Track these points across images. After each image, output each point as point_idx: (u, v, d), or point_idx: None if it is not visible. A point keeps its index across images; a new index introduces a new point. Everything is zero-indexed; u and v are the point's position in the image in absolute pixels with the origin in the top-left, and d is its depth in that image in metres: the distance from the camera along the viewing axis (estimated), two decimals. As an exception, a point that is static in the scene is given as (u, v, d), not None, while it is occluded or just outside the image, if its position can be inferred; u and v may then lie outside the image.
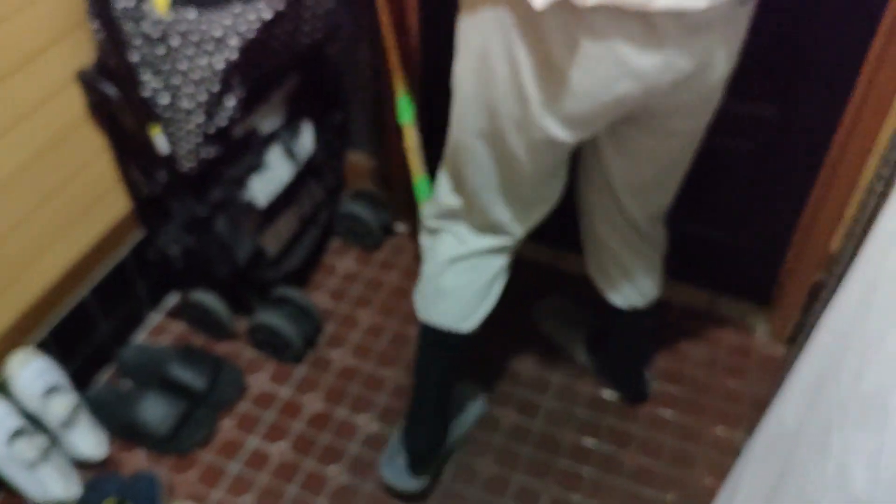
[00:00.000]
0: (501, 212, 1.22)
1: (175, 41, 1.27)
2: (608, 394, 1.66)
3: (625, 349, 1.62)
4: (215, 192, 1.49)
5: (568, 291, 1.84)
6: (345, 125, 1.87)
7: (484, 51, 1.01)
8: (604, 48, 0.92)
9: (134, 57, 1.31)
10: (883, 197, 1.04)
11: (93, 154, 1.51)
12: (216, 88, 1.30)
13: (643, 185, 1.25)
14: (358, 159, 2.00)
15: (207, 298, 1.67)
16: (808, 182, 1.58)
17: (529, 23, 0.93)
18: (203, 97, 1.30)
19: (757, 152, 1.57)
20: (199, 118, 1.32)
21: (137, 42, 1.30)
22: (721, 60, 1.00)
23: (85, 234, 1.56)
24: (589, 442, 1.58)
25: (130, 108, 1.36)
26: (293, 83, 1.59)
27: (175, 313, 1.80)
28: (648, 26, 0.90)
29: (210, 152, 1.39)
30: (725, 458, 1.56)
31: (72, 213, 1.51)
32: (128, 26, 1.30)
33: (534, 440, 1.59)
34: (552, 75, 0.97)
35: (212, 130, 1.35)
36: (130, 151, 1.52)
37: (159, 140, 1.37)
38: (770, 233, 1.72)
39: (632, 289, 1.44)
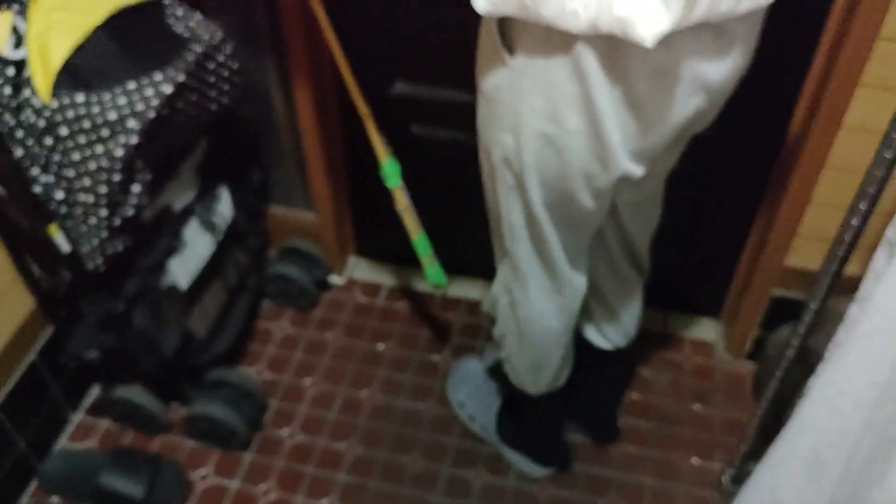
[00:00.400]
0: (573, 272, 1.14)
1: (63, 130, 1.11)
2: (577, 438, 1.59)
3: (601, 391, 1.55)
4: (130, 284, 1.33)
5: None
6: (264, 182, 1.73)
7: (551, 111, 0.89)
8: (682, 67, 0.85)
9: (17, 151, 1.14)
10: (867, 217, 1.00)
11: (-19, 256, 1.33)
12: (117, 178, 1.14)
13: (650, 198, 1.18)
14: (280, 214, 1.86)
15: (133, 393, 1.51)
16: (754, 197, 1.54)
17: (612, 61, 0.83)
18: (103, 189, 1.14)
19: (700, 169, 1.52)
20: (102, 212, 1.17)
21: (19, 134, 1.14)
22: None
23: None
24: (565, 494, 1.50)
25: (19, 207, 1.19)
26: (203, 150, 1.45)
27: (98, 409, 1.63)
28: (719, 33, 0.84)
29: (118, 246, 1.23)
30: (705, 490, 1.51)
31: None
32: (5, 118, 1.13)
33: (508, 500, 1.50)
34: (634, 112, 0.87)
35: (117, 223, 1.20)
36: (27, 249, 1.34)
37: (58, 238, 1.21)
38: (718, 247, 1.68)
39: (616, 328, 1.37)
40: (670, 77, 0.85)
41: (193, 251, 1.46)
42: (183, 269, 1.44)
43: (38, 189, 1.17)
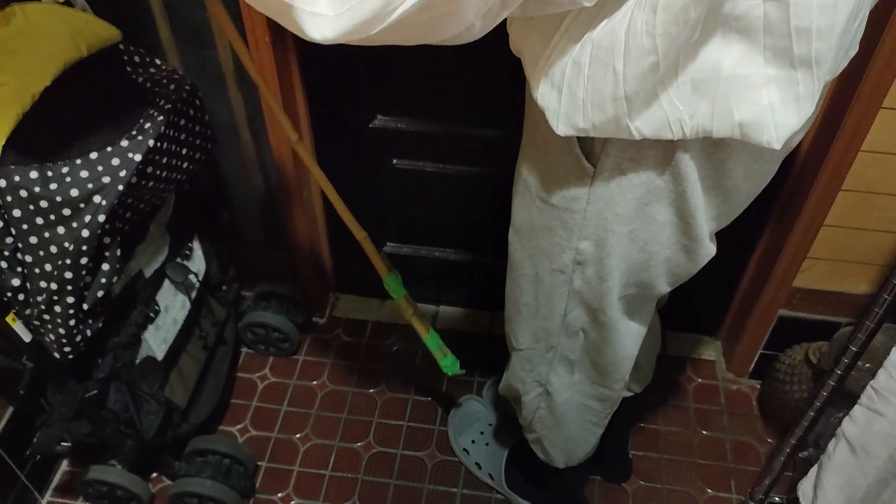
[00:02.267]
0: (626, 366, 1.07)
1: (16, 212, 0.96)
2: (590, 477, 1.51)
3: (615, 433, 1.47)
4: (102, 364, 1.19)
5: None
6: (232, 224, 1.59)
7: (639, 209, 0.82)
8: None
9: (-39, 237, 0.99)
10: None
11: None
12: (84, 260, 1.00)
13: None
14: (251, 256, 1.72)
15: (110, 473, 1.37)
16: (759, 216, 1.48)
17: (712, 158, 0.77)
18: (68, 274, 1.00)
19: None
20: (68, 299, 1.02)
21: (-38, 218, 0.98)
22: None
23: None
24: (585, 542, 1.43)
25: (-31, 296, 1.04)
26: (171, 204, 1.30)
27: (70, 490, 1.48)
28: None
29: (88, 332, 1.09)
30: (726, 525, 1.46)
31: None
32: (-56, 199, 0.97)
33: (526, 555, 1.42)
34: (724, 197, 0.82)
35: (86, 308, 1.06)
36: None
37: (18, 328, 1.06)
38: (719, 266, 1.61)
39: (637, 377, 1.30)
40: (765, 155, 0.80)
41: (168, 316, 1.32)
42: (158, 338, 1.30)
43: (-11, 277, 1.02)
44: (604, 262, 0.88)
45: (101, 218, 0.98)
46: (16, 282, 1.03)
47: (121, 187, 0.99)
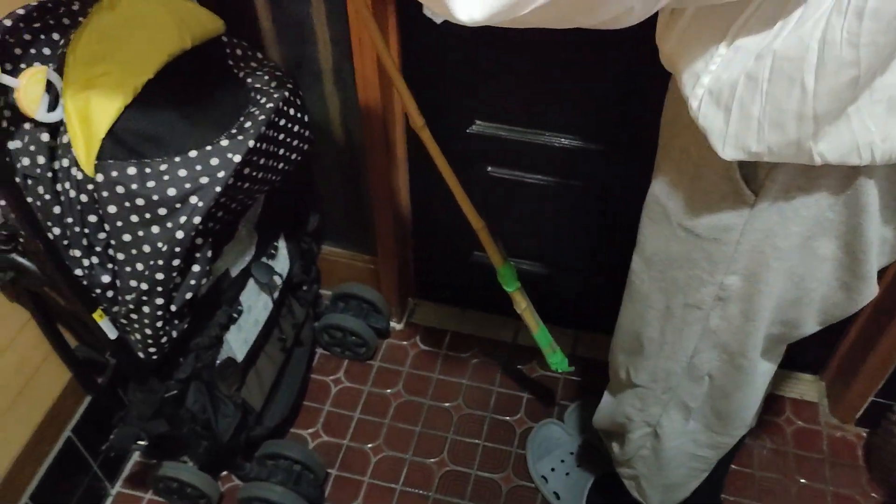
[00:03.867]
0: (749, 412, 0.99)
1: (111, 208, 0.93)
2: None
3: (711, 476, 1.37)
4: (184, 364, 1.15)
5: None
6: (319, 226, 1.54)
7: (801, 243, 0.74)
8: None
9: (55, 230, 0.96)
10: None
11: (7, 337, 1.16)
12: (177, 262, 0.96)
13: None
14: (332, 256, 1.68)
15: (182, 471, 1.34)
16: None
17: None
18: (159, 275, 0.96)
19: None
20: (157, 300, 0.99)
21: (56, 210, 0.95)
22: None
23: (16, 432, 1.20)
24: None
25: (57, 290, 1.01)
26: (261, 203, 1.26)
27: (140, 482, 1.46)
28: None
29: (175, 333, 1.05)
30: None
31: (-6, 412, 1.15)
32: (38, 190, 0.94)
33: None
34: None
35: (174, 309, 1.02)
36: (63, 321, 1.17)
37: (105, 325, 1.03)
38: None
39: None
40: None
41: (250, 317, 1.28)
42: (239, 339, 1.26)
43: (79, 272, 0.99)
44: (752, 299, 0.79)
45: (197, 220, 0.94)
46: (106, 278, 0.99)
47: (218, 189, 0.94)
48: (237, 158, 0.95)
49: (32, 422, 1.23)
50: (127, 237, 0.94)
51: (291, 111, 1.07)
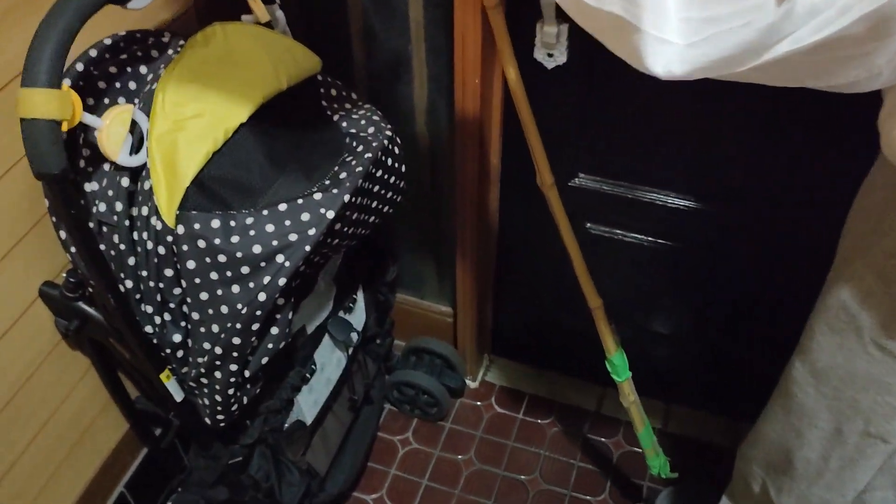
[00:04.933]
0: None
1: (190, 263, 0.83)
2: None
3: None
4: (251, 429, 1.05)
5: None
6: (396, 279, 1.44)
7: None
8: None
9: (127, 282, 0.87)
10: None
11: (68, 385, 1.07)
12: (256, 326, 0.86)
13: None
14: (408, 304, 1.57)
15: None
16: None
17: None
18: (236, 340, 0.86)
19: None
20: (231, 366, 0.89)
21: (131, 261, 0.86)
22: None
23: (70, 483, 1.12)
24: None
25: (123, 345, 0.92)
26: (340, 254, 1.16)
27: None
28: None
29: (246, 399, 0.95)
30: None
31: (47, 466, 1.07)
32: (114, 239, 0.86)
33: None
34: None
35: (249, 374, 0.92)
36: (125, 371, 1.08)
37: (171, 386, 0.94)
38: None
39: None
40: None
41: (322, 376, 1.18)
42: (310, 400, 1.16)
43: (149, 329, 0.90)
44: None
45: (282, 281, 0.84)
46: (177, 337, 0.90)
47: (308, 248, 0.84)
48: (330, 215, 0.85)
49: (86, 474, 1.15)
50: (205, 296, 0.85)
51: (389, 161, 0.97)
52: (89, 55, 0.89)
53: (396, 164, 0.99)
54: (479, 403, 1.59)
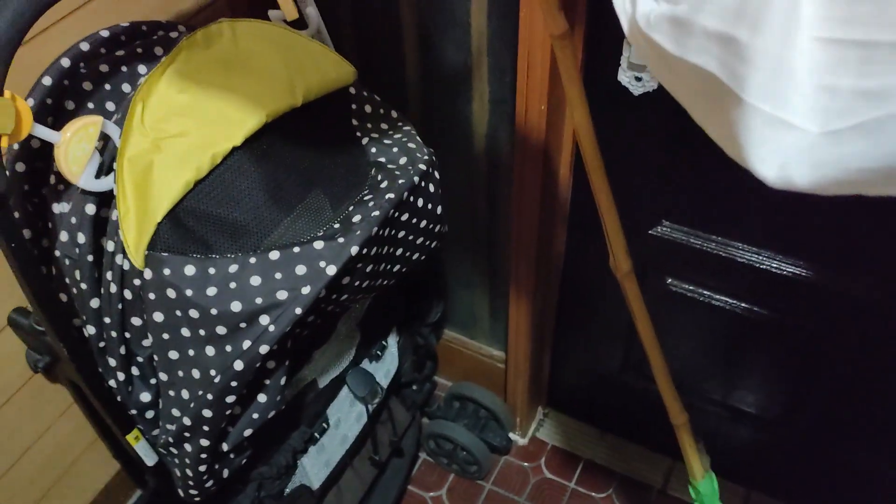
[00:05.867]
0: None
1: (158, 315, 0.68)
2: None
3: None
4: (242, 497, 0.90)
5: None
6: (444, 315, 1.26)
7: None
8: None
9: (89, 328, 0.73)
10: None
11: (46, 419, 0.95)
12: (231, 398, 0.70)
13: None
14: (456, 343, 1.39)
15: None
16: None
17: None
18: (207, 411, 0.70)
19: None
20: (201, 441, 0.73)
21: (93, 303, 0.72)
22: None
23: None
24: None
25: (93, 396, 0.78)
26: (370, 298, 0.99)
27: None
28: None
29: (228, 470, 0.80)
30: None
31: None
32: (75, 274, 0.71)
33: None
34: None
35: (228, 447, 0.76)
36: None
37: (142, 449, 0.79)
38: None
39: None
40: None
41: (337, 433, 1.01)
42: (319, 461, 0.99)
43: (113, 384, 0.75)
44: None
45: (264, 349, 0.67)
46: (145, 397, 0.75)
47: (299, 311, 0.67)
48: (332, 270, 0.68)
49: (69, 515, 1.03)
50: (174, 355, 0.69)
51: (419, 201, 0.79)
52: (79, 49, 0.75)
53: (430, 206, 0.80)
54: (526, 465, 1.39)
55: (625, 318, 1.22)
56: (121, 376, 0.73)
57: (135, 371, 0.74)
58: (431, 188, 0.80)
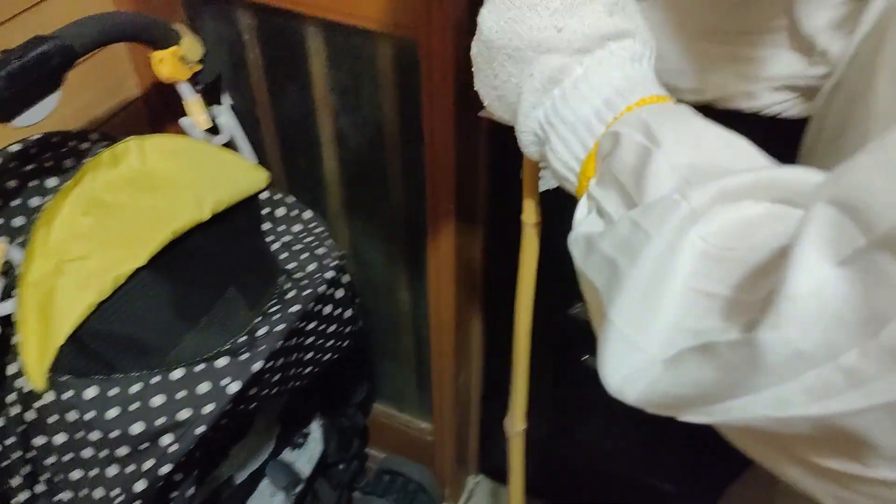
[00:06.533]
0: None
1: (59, 437, 0.69)
2: None
3: None
4: None
5: None
6: (370, 396, 1.27)
7: None
8: None
9: (-11, 447, 0.73)
10: None
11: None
12: (135, 516, 0.70)
13: None
14: (385, 417, 1.41)
15: None
16: None
17: None
18: (111, 530, 0.71)
19: None
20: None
21: (-6, 422, 0.72)
22: None
23: None
24: None
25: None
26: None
27: None
28: None
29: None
30: None
31: None
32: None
33: None
34: None
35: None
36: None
37: (46, 562, 0.78)
38: None
39: None
40: None
41: (256, 525, 1.02)
42: (237, 556, 0.99)
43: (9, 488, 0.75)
44: None
45: (164, 470, 0.68)
46: (50, 513, 0.75)
47: (201, 430, 0.69)
48: (235, 387, 0.70)
49: None
50: (76, 474, 0.70)
51: (327, 309, 0.81)
52: (-13, 165, 0.76)
53: (338, 311, 0.83)
54: (456, 536, 1.40)
55: (549, 382, 1.26)
56: (23, 497, 0.73)
57: (39, 488, 0.74)
58: (339, 294, 0.83)
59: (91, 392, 0.67)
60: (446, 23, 0.78)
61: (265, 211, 0.88)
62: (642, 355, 0.32)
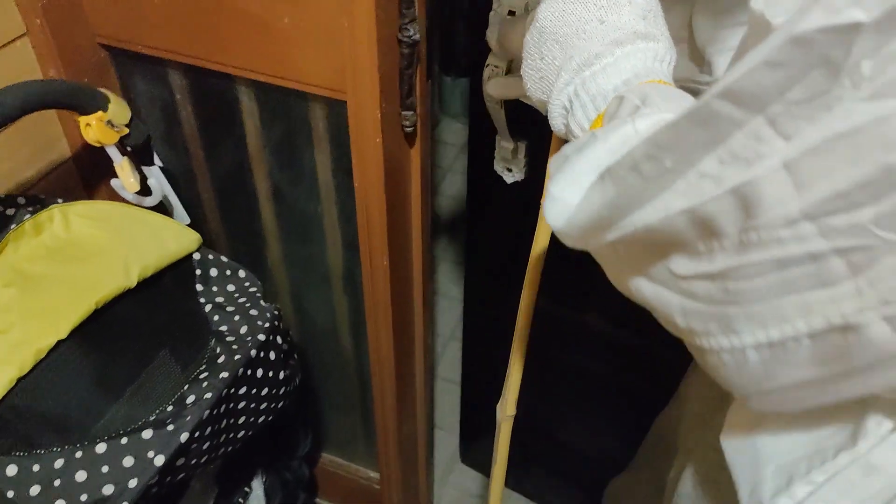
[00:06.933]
0: None
1: (-21, 517, 0.67)
2: None
3: None
4: None
5: None
6: (312, 449, 1.26)
7: None
8: None
9: None
10: None
11: None
12: None
13: None
14: (333, 466, 1.40)
15: None
16: None
17: None
18: None
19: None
20: None
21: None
22: None
23: None
24: None
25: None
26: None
27: None
28: None
29: None
30: None
31: None
32: None
33: None
34: None
35: None
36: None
37: None
38: None
39: None
40: None
41: (195, 589, 0.99)
42: None
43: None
44: None
45: (89, 548, 0.67)
46: None
47: (126, 502, 0.67)
48: (160, 461, 0.69)
49: None
50: (-4, 556, 0.68)
51: (259, 372, 0.81)
52: None
53: (271, 373, 0.82)
54: (407, 586, 1.39)
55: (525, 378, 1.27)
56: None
57: (-42, 569, 0.72)
58: (272, 355, 0.83)
59: (11, 469, 0.66)
60: (373, 85, 0.79)
61: (198, 272, 0.87)
62: (567, 207, 0.41)
